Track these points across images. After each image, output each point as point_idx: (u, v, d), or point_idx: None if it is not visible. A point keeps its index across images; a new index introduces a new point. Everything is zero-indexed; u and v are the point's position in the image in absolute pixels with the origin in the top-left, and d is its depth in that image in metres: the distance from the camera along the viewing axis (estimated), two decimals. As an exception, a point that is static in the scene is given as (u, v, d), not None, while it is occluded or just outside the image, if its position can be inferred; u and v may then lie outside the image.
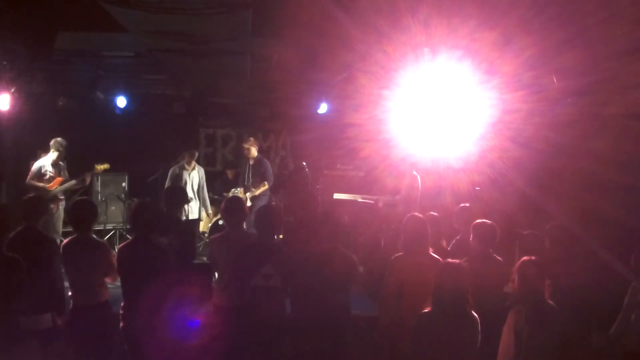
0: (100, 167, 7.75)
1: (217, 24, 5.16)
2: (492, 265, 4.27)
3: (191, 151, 7.92)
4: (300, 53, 6.43)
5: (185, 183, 7.67)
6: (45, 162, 7.21)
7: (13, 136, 8.01)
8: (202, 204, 7.94)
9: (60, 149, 7.22)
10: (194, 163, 7.93)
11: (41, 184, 7.05)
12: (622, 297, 4.08)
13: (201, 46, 6.05)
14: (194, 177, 7.83)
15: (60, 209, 7.18)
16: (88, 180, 7.48)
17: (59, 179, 7.23)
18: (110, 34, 5.80)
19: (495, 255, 4.34)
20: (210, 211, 8.23)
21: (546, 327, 3.53)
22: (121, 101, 9.42)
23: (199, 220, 7.95)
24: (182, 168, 7.81)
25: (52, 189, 7.11)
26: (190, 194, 7.44)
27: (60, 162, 7.32)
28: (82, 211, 4.27)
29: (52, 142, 7.26)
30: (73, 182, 7.28)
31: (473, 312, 3.42)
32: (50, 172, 7.17)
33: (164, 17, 4.83)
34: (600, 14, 4.27)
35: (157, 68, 8.02)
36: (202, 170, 8.06)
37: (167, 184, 7.81)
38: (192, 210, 7.64)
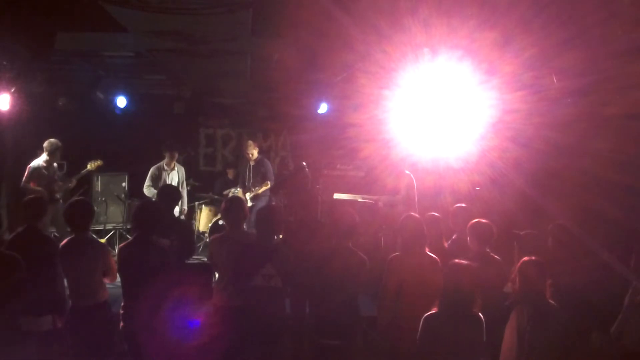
0: (93, 164, 7.71)
1: (217, 24, 5.16)
2: (491, 264, 4.27)
3: (171, 152, 7.78)
4: (300, 53, 6.43)
5: (164, 182, 7.61)
6: (40, 164, 7.16)
7: (13, 136, 8.00)
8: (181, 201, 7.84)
9: (51, 149, 7.16)
10: (174, 163, 7.87)
11: (38, 189, 6.97)
12: (622, 297, 4.08)
13: (201, 46, 6.05)
14: (173, 177, 7.77)
15: (58, 210, 7.15)
16: (72, 183, 7.40)
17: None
18: (110, 34, 5.79)
19: (493, 254, 4.34)
20: (185, 207, 8.13)
21: (548, 327, 3.53)
22: (121, 101, 9.41)
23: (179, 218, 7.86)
24: (161, 169, 7.75)
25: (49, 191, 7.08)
26: None
27: (54, 164, 7.28)
28: (79, 211, 4.27)
29: (45, 144, 7.22)
30: (65, 185, 7.27)
31: (478, 313, 3.43)
32: (45, 175, 7.14)
33: (164, 17, 4.84)
34: (600, 14, 4.27)
35: (157, 68, 8.02)
36: (182, 169, 7.98)
37: (146, 184, 7.74)
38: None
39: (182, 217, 7.98)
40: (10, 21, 4.72)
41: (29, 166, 7.20)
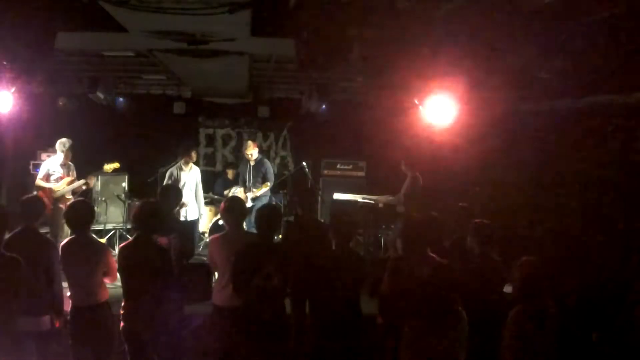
0: (110, 166, 7.73)
1: (217, 24, 5.15)
2: (491, 265, 4.27)
3: (189, 153, 7.82)
4: (300, 53, 6.42)
5: (184, 184, 7.63)
6: (52, 163, 7.21)
7: (13, 136, 8.00)
8: (199, 203, 7.87)
9: (64, 149, 7.21)
10: (191, 164, 7.89)
11: (48, 185, 7.06)
12: (622, 297, 4.09)
13: (201, 46, 6.05)
14: (190, 178, 7.78)
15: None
16: (92, 182, 7.46)
17: (68, 178, 7.23)
18: (110, 34, 5.79)
19: (493, 255, 4.34)
20: (202, 212, 8.17)
21: (546, 327, 3.54)
22: (120, 101, 9.44)
23: (198, 220, 7.91)
24: (180, 169, 7.76)
25: (59, 189, 7.10)
26: (187, 194, 7.36)
27: (69, 162, 7.32)
28: (79, 212, 4.27)
29: (57, 144, 7.27)
30: (81, 182, 7.27)
31: (460, 309, 3.43)
32: (58, 172, 7.18)
33: (164, 17, 4.83)
34: (600, 13, 4.27)
35: (157, 68, 8.02)
36: (198, 171, 7.99)
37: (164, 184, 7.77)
38: (191, 211, 7.60)
39: (199, 219, 8.01)
40: (10, 21, 4.71)
41: (44, 164, 7.25)
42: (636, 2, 3.93)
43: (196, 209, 7.71)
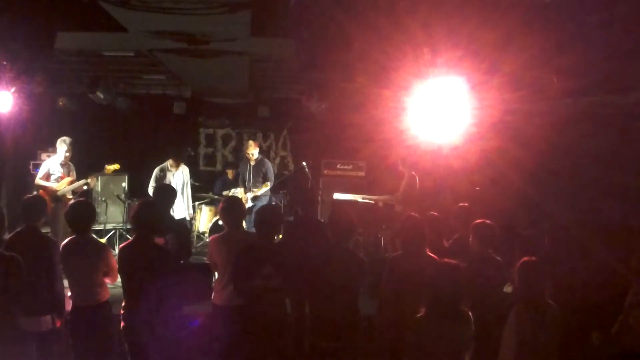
0: (110, 167, 7.71)
1: (217, 24, 5.16)
2: (492, 265, 4.27)
3: (176, 158, 7.70)
4: (300, 53, 6.42)
5: (169, 183, 7.61)
6: (53, 163, 7.21)
7: (13, 136, 8.01)
8: (186, 202, 7.85)
9: (66, 145, 7.21)
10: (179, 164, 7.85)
11: (48, 184, 7.07)
12: (622, 297, 4.09)
13: (201, 46, 6.06)
14: (178, 177, 7.74)
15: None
16: (93, 182, 7.45)
17: (69, 178, 7.24)
18: (110, 34, 5.80)
19: (494, 255, 4.34)
20: (191, 211, 8.13)
21: (547, 327, 3.54)
22: (120, 101, 9.44)
23: (184, 219, 7.88)
24: (166, 169, 7.73)
25: (60, 188, 7.11)
26: None
27: (69, 162, 7.33)
28: (80, 212, 4.27)
29: (58, 142, 7.26)
30: (81, 182, 7.27)
31: (466, 309, 3.42)
32: (58, 172, 7.19)
33: (164, 17, 4.84)
34: (600, 13, 4.27)
35: (157, 68, 8.03)
36: (186, 170, 7.93)
37: (150, 184, 7.74)
38: (178, 210, 7.57)
39: (188, 218, 7.98)
40: (10, 21, 4.72)
41: (44, 163, 7.25)
42: (636, 2, 3.93)
43: (183, 209, 7.67)
